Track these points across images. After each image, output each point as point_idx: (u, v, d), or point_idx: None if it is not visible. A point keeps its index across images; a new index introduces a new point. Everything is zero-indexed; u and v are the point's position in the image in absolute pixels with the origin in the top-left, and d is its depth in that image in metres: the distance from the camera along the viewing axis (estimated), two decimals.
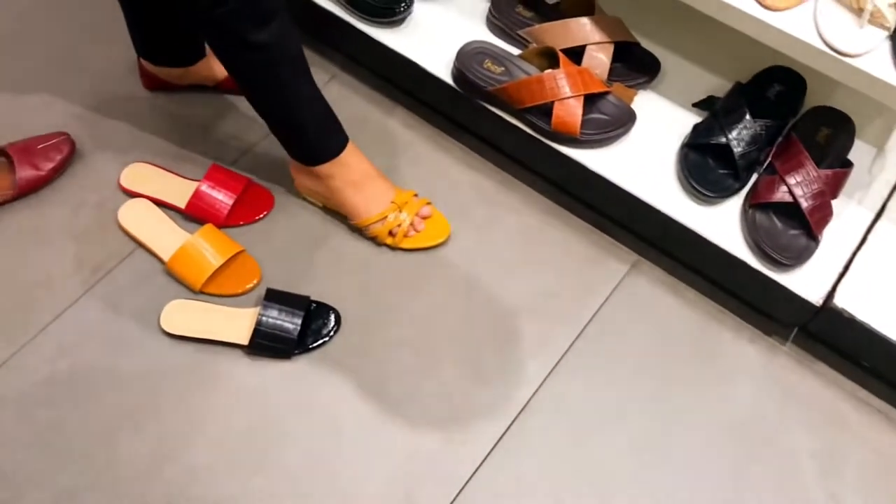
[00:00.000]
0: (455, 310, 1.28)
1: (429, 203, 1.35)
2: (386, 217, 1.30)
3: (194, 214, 1.32)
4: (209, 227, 1.27)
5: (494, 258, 1.34)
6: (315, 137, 1.25)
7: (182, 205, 1.32)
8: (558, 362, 1.24)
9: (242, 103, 1.47)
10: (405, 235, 1.31)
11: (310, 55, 1.51)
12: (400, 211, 1.31)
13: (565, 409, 1.21)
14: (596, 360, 1.25)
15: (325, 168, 1.26)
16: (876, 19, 1.04)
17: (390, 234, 1.31)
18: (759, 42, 1.09)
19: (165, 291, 1.26)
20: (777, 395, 1.22)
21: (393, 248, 1.33)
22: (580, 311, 1.29)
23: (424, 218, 1.33)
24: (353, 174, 1.28)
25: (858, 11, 1.05)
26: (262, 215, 1.35)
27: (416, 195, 1.35)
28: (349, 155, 1.27)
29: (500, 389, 1.22)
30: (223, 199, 1.32)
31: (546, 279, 1.32)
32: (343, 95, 1.50)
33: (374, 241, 1.33)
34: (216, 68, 1.45)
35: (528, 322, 1.28)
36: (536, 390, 1.22)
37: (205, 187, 1.31)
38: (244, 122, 1.46)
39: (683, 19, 1.37)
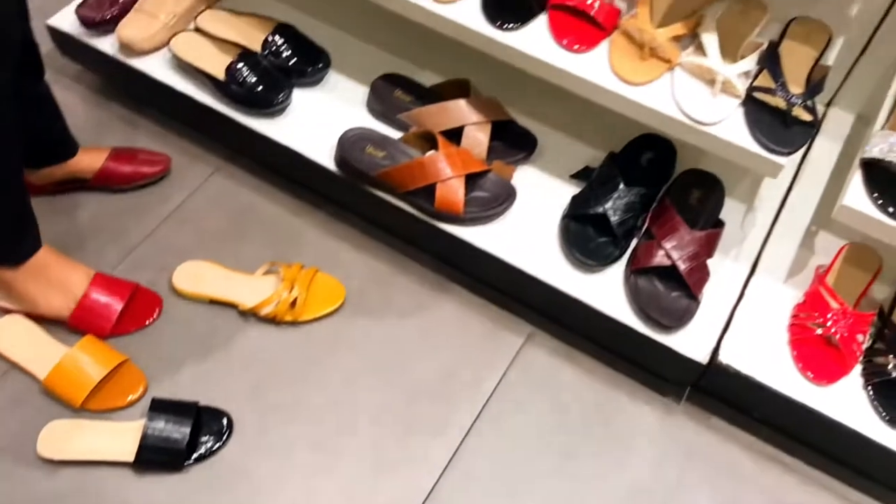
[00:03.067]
0: (352, 399, 1.26)
1: (318, 271, 1.35)
2: (280, 296, 1.30)
3: (80, 327, 1.26)
4: (89, 338, 1.21)
5: (391, 341, 1.32)
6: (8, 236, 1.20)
7: (65, 316, 1.26)
8: (461, 443, 1.23)
9: (119, 204, 1.43)
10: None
11: (191, 148, 1.53)
12: (292, 287, 1.31)
13: (471, 490, 1.19)
14: (499, 437, 1.24)
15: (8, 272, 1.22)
16: (727, 89, 1.10)
17: (291, 306, 1.30)
18: None
19: (43, 413, 1.18)
20: (676, 453, 1.24)
21: (294, 322, 1.31)
22: (480, 388, 1.28)
23: None
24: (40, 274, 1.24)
25: (711, 82, 1.11)
26: (150, 320, 1.30)
27: (302, 266, 1.34)
28: (41, 256, 1.23)
29: (403, 479, 1.19)
30: (110, 306, 1.27)
31: (444, 358, 1.31)
32: (227, 188, 1.48)
33: (273, 321, 1.31)
34: (94, 156, 1.42)
35: (429, 405, 1.26)
36: (441, 475, 1.19)
37: (92, 296, 1.26)
38: (122, 224, 1.42)
39: (556, 95, 1.42)
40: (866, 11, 1.26)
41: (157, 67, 1.45)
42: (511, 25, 1.17)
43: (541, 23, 1.18)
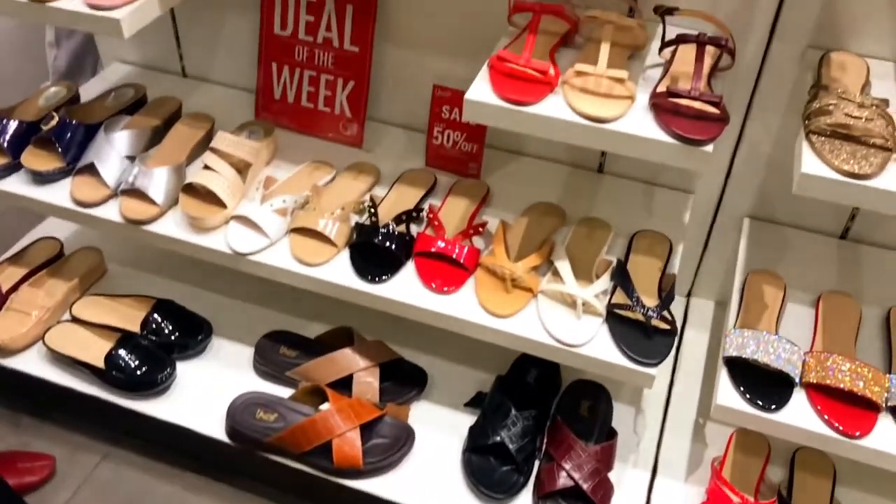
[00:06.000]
0: None
1: None
2: None
3: None
4: None
5: None
6: None
7: None
8: None
9: None
10: None
11: (74, 438, 1.47)
12: None
13: None
14: None
15: None
16: (589, 309, 1.17)
17: None
18: None
19: None
20: None
21: None
22: None
23: None
24: None
25: (573, 305, 1.18)
26: None
27: None
28: None
29: None
30: None
31: None
32: (117, 474, 1.42)
33: None
34: None
35: None
36: None
37: None
38: None
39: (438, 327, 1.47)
40: (696, 217, 1.41)
41: (31, 363, 1.42)
42: (382, 277, 1.23)
43: (409, 270, 1.24)
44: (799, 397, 1.07)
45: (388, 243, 1.24)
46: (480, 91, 1.04)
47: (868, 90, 1.07)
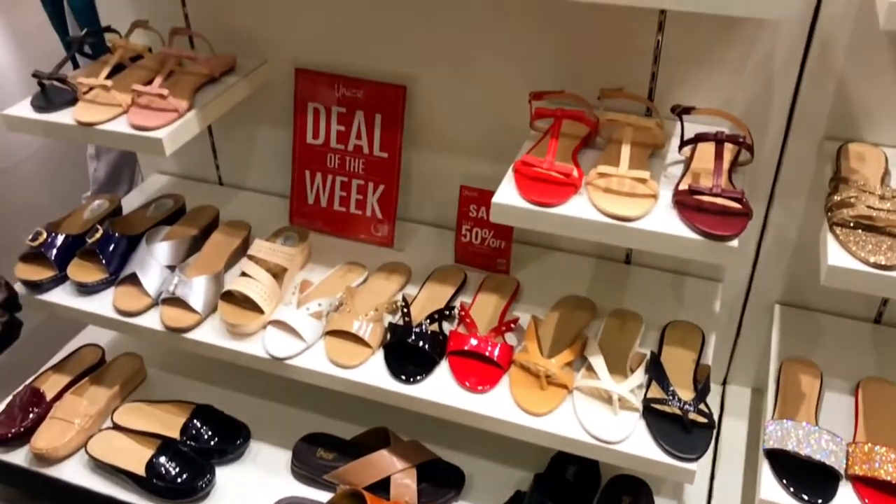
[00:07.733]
0: None
1: None
2: None
3: None
4: None
5: None
6: None
7: None
8: None
9: None
10: None
11: None
12: None
13: None
14: None
15: None
16: (625, 405, 1.17)
17: None
18: None
19: None
20: None
21: None
22: None
23: None
24: None
25: (609, 400, 1.18)
26: None
27: None
28: None
29: None
30: None
31: None
32: None
33: None
34: None
35: None
36: None
37: None
38: None
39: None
40: (727, 305, 1.41)
41: (74, 472, 1.44)
42: (416, 378, 1.24)
43: (443, 370, 1.25)
44: (845, 490, 1.05)
45: (421, 343, 1.25)
46: (507, 194, 1.08)
47: (888, 180, 1.09)
